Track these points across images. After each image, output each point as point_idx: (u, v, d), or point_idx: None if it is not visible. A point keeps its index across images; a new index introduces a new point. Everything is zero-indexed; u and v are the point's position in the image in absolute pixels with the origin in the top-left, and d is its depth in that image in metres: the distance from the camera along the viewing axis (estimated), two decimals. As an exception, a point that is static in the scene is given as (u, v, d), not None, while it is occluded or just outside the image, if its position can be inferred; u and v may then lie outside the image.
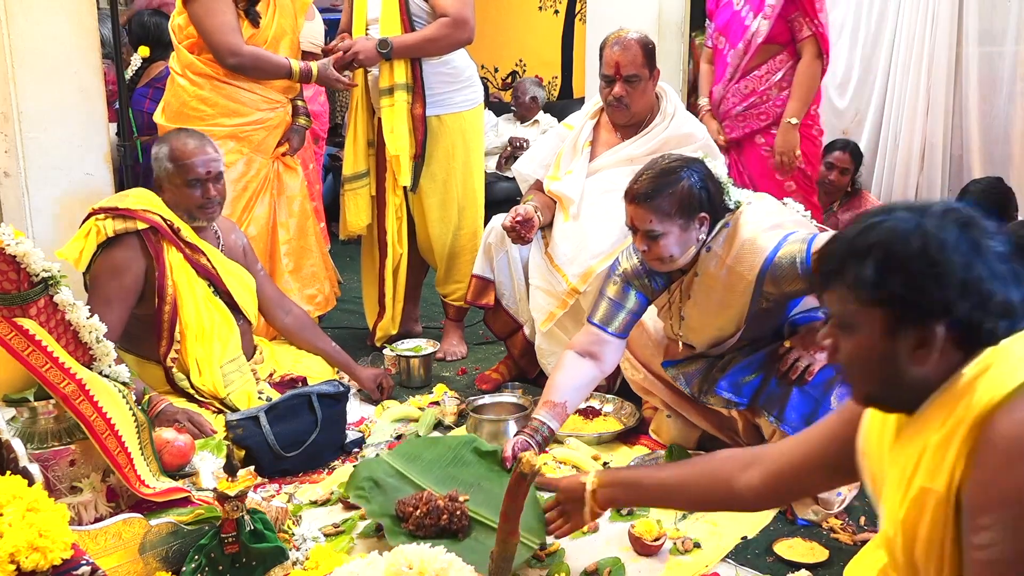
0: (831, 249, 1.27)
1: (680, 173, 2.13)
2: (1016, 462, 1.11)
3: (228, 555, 1.77)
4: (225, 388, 2.61)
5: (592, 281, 2.80)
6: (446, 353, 3.39)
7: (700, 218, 2.15)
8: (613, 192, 2.85)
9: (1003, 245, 1.21)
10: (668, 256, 2.16)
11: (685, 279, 2.27)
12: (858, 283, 1.21)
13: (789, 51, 3.31)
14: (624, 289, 2.33)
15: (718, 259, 2.19)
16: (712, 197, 2.16)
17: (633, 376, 2.59)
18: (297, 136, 3.34)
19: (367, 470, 2.16)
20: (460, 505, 1.94)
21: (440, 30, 3.12)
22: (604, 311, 2.33)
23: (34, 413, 1.87)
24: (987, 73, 3.64)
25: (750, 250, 2.14)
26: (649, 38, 2.90)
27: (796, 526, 2.12)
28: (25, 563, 1.45)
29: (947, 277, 1.16)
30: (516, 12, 6.51)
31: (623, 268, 2.34)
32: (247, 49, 3.03)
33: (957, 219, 1.20)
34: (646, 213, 2.12)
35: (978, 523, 1.13)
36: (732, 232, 2.18)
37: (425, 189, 3.29)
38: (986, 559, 1.12)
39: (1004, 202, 3.27)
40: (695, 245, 2.18)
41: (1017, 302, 1.19)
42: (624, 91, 2.82)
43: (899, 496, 1.25)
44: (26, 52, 2.93)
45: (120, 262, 2.51)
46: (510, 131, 5.66)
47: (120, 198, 2.62)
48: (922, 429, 1.22)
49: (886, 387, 1.26)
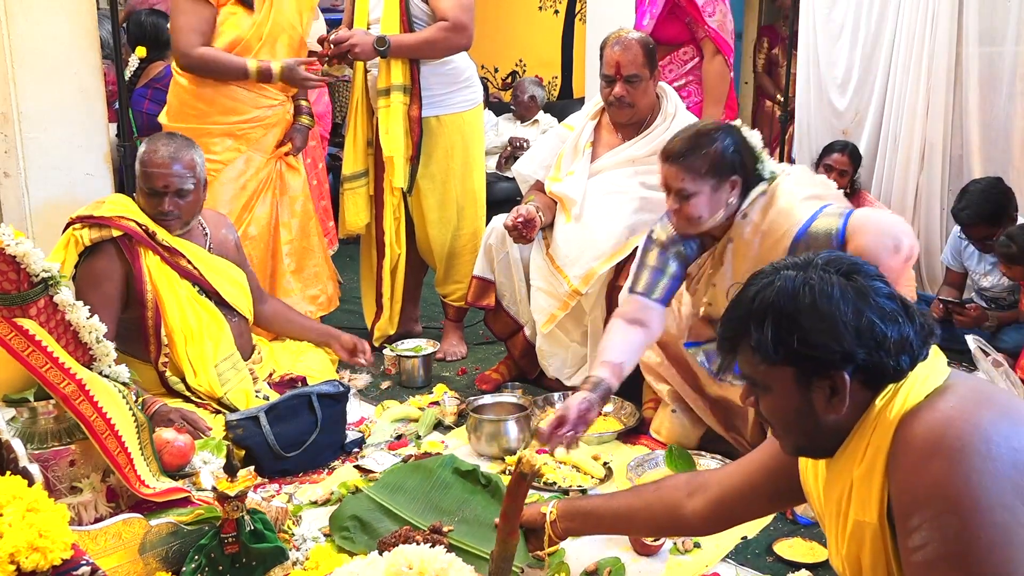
0: (732, 315, 1.32)
1: (714, 135, 2.19)
2: (932, 459, 1.14)
3: (228, 555, 1.77)
4: (222, 387, 2.60)
5: (594, 283, 2.80)
6: (446, 353, 3.39)
7: (732, 181, 2.19)
8: (615, 193, 2.85)
9: (887, 284, 1.26)
10: (697, 216, 2.20)
11: (718, 246, 2.29)
12: (760, 346, 1.26)
13: (693, 47, 3.52)
14: (661, 256, 2.37)
15: (752, 226, 2.21)
16: (745, 162, 2.21)
17: (648, 360, 2.58)
18: (300, 135, 3.33)
19: (350, 508, 2.11)
20: (440, 538, 1.90)
21: (438, 34, 3.12)
22: (646, 280, 2.36)
23: (34, 413, 1.87)
24: (987, 73, 3.63)
25: (786, 218, 2.17)
26: (650, 38, 2.90)
27: (797, 525, 2.12)
28: (25, 563, 1.45)
29: (841, 328, 1.21)
30: (516, 12, 6.51)
31: (658, 237, 2.39)
32: (198, 51, 3.02)
33: (839, 268, 1.25)
34: (679, 172, 2.18)
35: (908, 526, 1.16)
36: (769, 200, 2.21)
37: (423, 189, 3.29)
38: (923, 560, 1.14)
39: (1003, 202, 3.26)
40: (724, 208, 2.22)
41: (912, 336, 1.23)
42: (625, 91, 2.82)
43: (838, 531, 1.31)
44: (26, 52, 2.93)
45: (99, 271, 2.51)
46: (510, 131, 5.65)
47: (96, 206, 2.60)
48: (846, 465, 1.28)
49: (809, 438, 1.32)
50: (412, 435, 2.68)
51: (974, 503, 1.11)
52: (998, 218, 3.22)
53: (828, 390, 1.24)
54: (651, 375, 2.59)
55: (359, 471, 2.43)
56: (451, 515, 2.08)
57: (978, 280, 3.51)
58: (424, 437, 2.67)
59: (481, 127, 3.44)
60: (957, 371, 1.29)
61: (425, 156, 3.24)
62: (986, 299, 3.49)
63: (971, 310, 3.26)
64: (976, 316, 3.24)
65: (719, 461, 2.42)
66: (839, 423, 1.27)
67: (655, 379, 2.59)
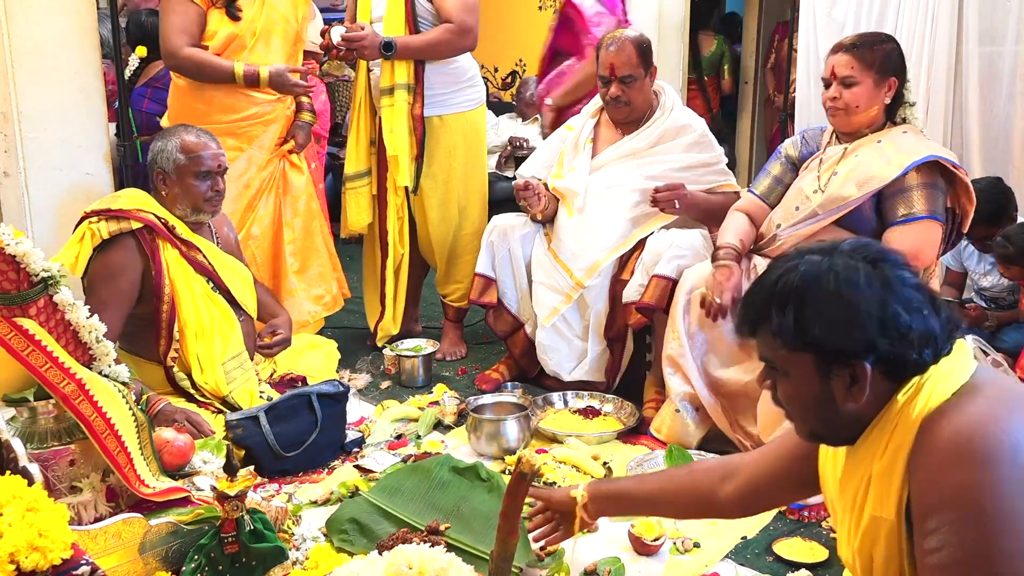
0: (753, 298, 1.31)
1: (885, 37, 2.45)
2: (955, 462, 1.13)
3: (228, 555, 1.77)
4: (227, 385, 2.60)
5: (597, 275, 2.82)
6: (446, 353, 3.39)
7: (890, 82, 2.37)
8: (617, 187, 2.88)
9: (913, 275, 1.23)
10: (855, 106, 2.38)
11: (857, 141, 2.44)
12: (782, 331, 1.23)
13: (579, 58, 3.65)
14: (785, 166, 2.63)
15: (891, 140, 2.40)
16: (904, 72, 2.41)
17: (671, 352, 2.58)
18: (302, 132, 3.33)
19: (348, 511, 2.11)
20: (437, 539, 1.90)
21: (444, 35, 3.12)
22: (765, 185, 2.66)
23: (34, 413, 1.87)
24: (987, 73, 3.63)
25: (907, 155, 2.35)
26: (645, 36, 2.93)
27: (796, 525, 2.13)
28: (25, 563, 1.45)
29: (864, 317, 1.19)
30: (516, 12, 6.50)
31: (787, 151, 2.64)
32: (184, 52, 3.02)
33: (866, 256, 1.22)
34: (850, 59, 2.37)
35: (926, 528, 1.15)
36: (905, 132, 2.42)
37: (426, 189, 3.29)
38: (938, 563, 1.13)
39: (1003, 202, 3.26)
40: (879, 106, 2.39)
41: (937, 329, 1.21)
42: (620, 91, 2.86)
43: (851, 524, 1.29)
44: (26, 52, 2.93)
45: (116, 265, 2.50)
46: (510, 130, 5.65)
47: (112, 199, 2.60)
48: (865, 458, 1.26)
49: (826, 425, 1.29)
50: (412, 435, 2.68)
51: (996, 511, 1.09)
52: (998, 218, 3.22)
53: (848, 379, 1.22)
54: (671, 367, 2.59)
55: (359, 471, 2.43)
56: (450, 513, 2.08)
57: (978, 280, 3.51)
58: (424, 437, 2.67)
59: (484, 127, 3.44)
60: (983, 367, 1.26)
61: (428, 156, 3.24)
62: (986, 299, 3.49)
63: (971, 310, 3.26)
64: (976, 316, 3.24)
65: (719, 461, 2.43)
66: (859, 413, 1.24)
67: (673, 371, 2.58)
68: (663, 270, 2.68)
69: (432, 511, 2.09)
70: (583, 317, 2.92)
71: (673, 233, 2.80)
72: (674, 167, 2.87)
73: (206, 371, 2.58)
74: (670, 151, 2.91)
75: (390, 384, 3.12)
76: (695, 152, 2.91)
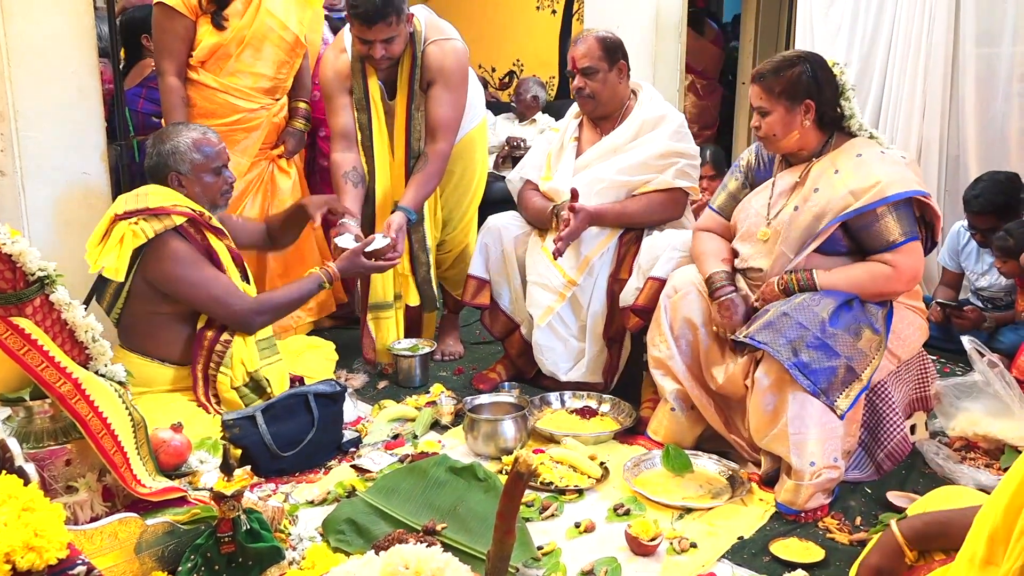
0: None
1: (794, 62, 2.38)
2: None
3: (224, 555, 1.77)
4: (259, 362, 2.68)
5: (589, 271, 2.84)
6: (443, 353, 3.39)
7: (805, 105, 2.36)
8: (602, 183, 2.89)
9: None
10: (773, 134, 2.40)
11: (811, 171, 2.40)
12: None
13: None
14: (740, 180, 2.65)
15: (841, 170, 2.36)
16: (823, 91, 2.37)
17: (658, 354, 2.58)
18: (293, 139, 3.33)
19: (345, 511, 2.10)
20: (434, 539, 1.90)
21: (439, 165, 3.09)
22: (723, 200, 2.67)
23: (30, 412, 1.87)
24: (984, 74, 3.63)
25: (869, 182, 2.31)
26: (614, 35, 2.96)
27: (793, 525, 2.13)
28: (21, 563, 1.44)
29: None
30: (514, 12, 6.51)
31: (746, 161, 2.65)
32: (168, 82, 3.09)
33: None
34: (758, 90, 2.40)
35: None
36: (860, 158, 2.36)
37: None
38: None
39: (1016, 198, 3.30)
40: (799, 130, 2.38)
41: None
42: (583, 83, 2.93)
43: None
44: (23, 52, 2.93)
45: (183, 252, 2.53)
46: (508, 130, 5.66)
47: (139, 198, 2.55)
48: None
49: None
50: (409, 435, 2.68)
51: None
52: (1006, 212, 3.24)
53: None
54: (660, 369, 2.59)
55: (356, 471, 2.43)
56: (447, 513, 2.07)
57: (975, 280, 3.51)
58: (421, 437, 2.67)
59: (485, 136, 3.43)
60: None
61: None
62: (982, 299, 3.49)
63: (969, 312, 3.27)
64: (974, 319, 3.25)
65: (715, 461, 2.43)
66: None
67: (663, 373, 2.58)
68: (658, 272, 2.68)
69: (429, 511, 2.09)
70: (579, 317, 2.92)
71: (669, 234, 2.81)
72: (652, 154, 2.89)
73: (243, 346, 2.65)
74: (651, 140, 2.92)
75: (387, 384, 3.12)
76: (674, 141, 2.92)
